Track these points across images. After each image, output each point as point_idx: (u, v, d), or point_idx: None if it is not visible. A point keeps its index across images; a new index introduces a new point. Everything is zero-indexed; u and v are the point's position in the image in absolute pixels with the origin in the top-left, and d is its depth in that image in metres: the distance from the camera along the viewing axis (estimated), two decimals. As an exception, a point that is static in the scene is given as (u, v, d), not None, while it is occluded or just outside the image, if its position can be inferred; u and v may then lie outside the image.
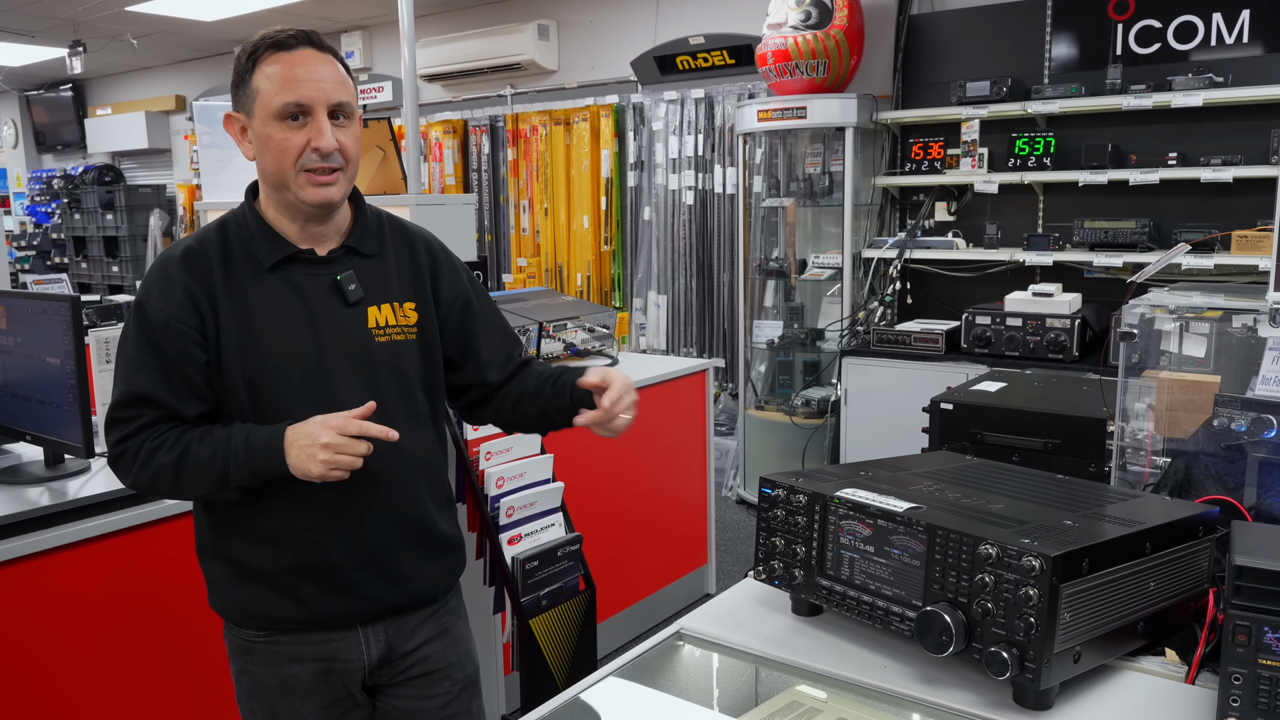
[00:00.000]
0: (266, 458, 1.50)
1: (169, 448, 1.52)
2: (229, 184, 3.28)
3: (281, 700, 1.63)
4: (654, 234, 6.00)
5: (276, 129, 1.51)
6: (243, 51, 1.56)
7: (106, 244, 9.10)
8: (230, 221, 1.62)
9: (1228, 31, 4.16)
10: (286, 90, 1.50)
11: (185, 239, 1.62)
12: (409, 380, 1.66)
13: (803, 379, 5.18)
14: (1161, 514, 1.35)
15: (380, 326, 1.63)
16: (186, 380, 1.54)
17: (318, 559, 1.59)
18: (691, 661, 1.48)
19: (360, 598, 1.62)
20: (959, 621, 1.19)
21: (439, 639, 1.73)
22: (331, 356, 1.58)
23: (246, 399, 1.55)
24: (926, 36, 4.92)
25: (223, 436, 1.53)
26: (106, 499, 2.12)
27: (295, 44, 1.53)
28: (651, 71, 5.95)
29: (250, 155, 1.57)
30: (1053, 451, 1.93)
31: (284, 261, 1.58)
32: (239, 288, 1.56)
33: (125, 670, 2.16)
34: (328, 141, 1.52)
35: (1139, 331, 1.75)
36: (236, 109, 1.57)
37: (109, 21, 7.34)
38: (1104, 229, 4.26)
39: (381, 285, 1.65)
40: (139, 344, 1.54)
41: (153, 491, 1.58)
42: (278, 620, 1.61)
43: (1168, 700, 1.23)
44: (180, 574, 2.23)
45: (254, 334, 1.55)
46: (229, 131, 1.60)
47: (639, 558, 3.70)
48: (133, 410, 1.54)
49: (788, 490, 1.43)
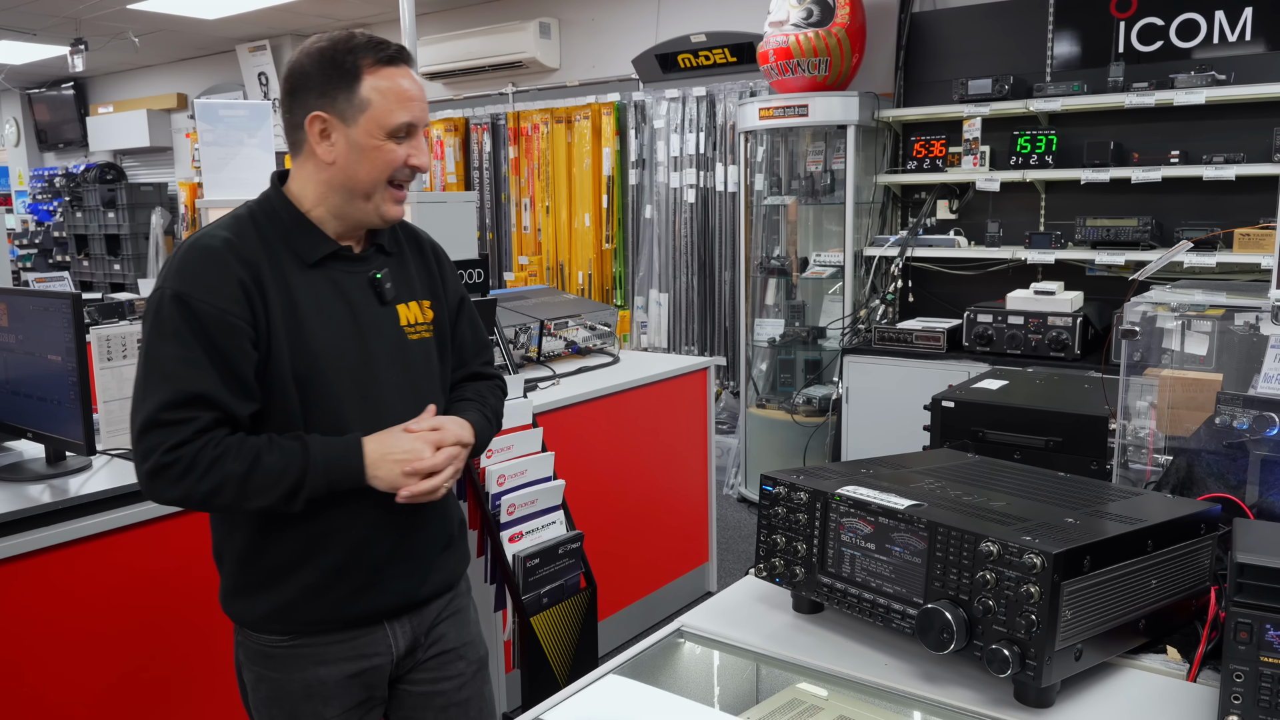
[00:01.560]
0: (343, 471, 1.49)
1: (235, 456, 1.44)
2: (230, 181, 3.28)
3: (303, 705, 1.61)
4: (655, 232, 6.00)
5: (384, 142, 1.51)
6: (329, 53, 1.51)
7: (108, 242, 9.10)
8: (260, 213, 1.57)
9: (1230, 29, 4.16)
10: (401, 109, 1.51)
11: (213, 228, 1.55)
12: (435, 377, 1.69)
13: (804, 377, 5.18)
14: (1163, 512, 1.34)
15: (411, 324, 1.65)
16: (239, 378, 1.47)
17: (359, 558, 1.58)
18: (692, 659, 1.48)
19: (391, 593, 1.62)
20: (960, 619, 1.19)
21: (452, 618, 1.75)
22: (374, 354, 1.58)
23: (295, 398, 1.52)
24: (928, 34, 4.91)
25: (294, 448, 1.48)
26: (108, 496, 2.12)
27: (399, 61, 1.54)
28: (653, 69, 5.95)
29: (330, 158, 1.52)
30: (1054, 449, 1.93)
31: (325, 258, 1.57)
32: (284, 282, 1.52)
33: (126, 668, 2.16)
34: (426, 161, 1.57)
35: (1141, 329, 1.75)
36: (324, 110, 1.51)
37: (110, 19, 7.34)
38: (1106, 227, 4.25)
39: (405, 284, 1.67)
40: (184, 340, 1.44)
41: (205, 504, 1.48)
42: (306, 623, 1.58)
43: (1169, 698, 1.22)
44: (182, 571, 2.23)
45: (304, 331, 1.52)
46: (309, 131, 1.52)
47: (640, 555, 3.70)
48: (186, 412, 1.43)
49: (789, 488, 1.43)
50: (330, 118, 1.51)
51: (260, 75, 8.36)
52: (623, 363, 3.85)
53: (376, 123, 1.50)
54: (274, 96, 8.29)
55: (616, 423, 3.47)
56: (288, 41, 8.17)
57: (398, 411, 1.59)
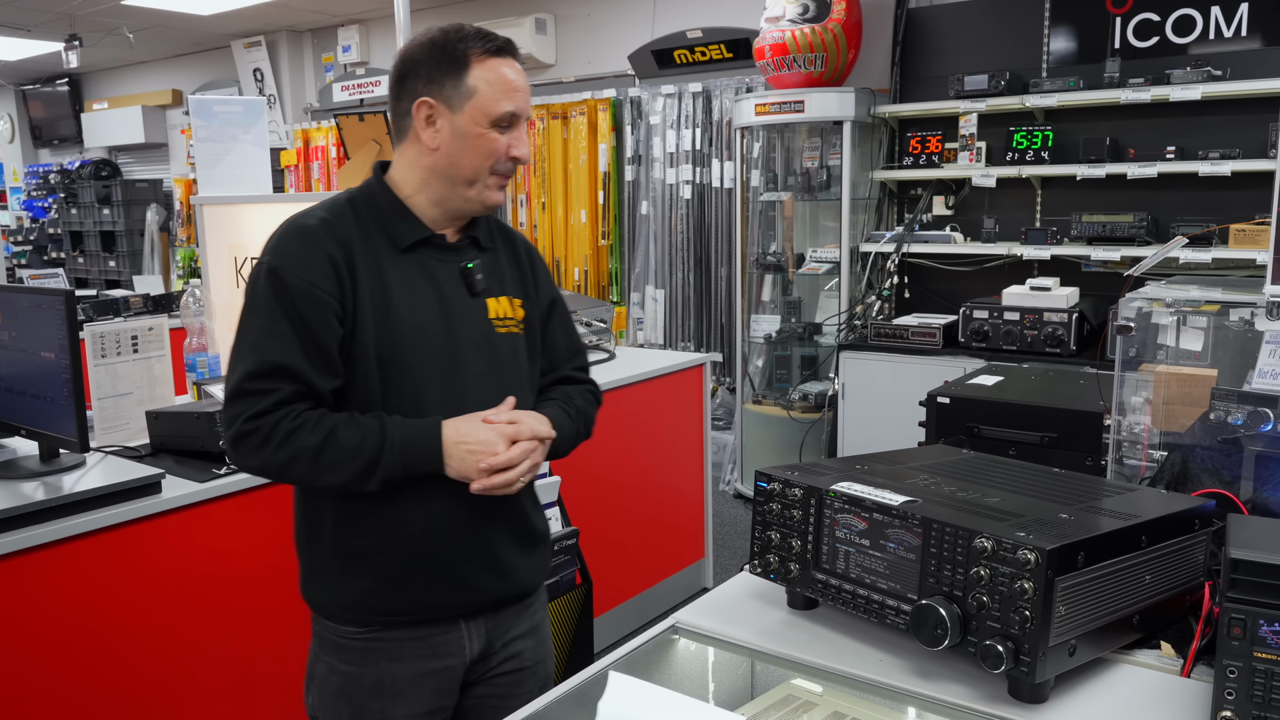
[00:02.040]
0: (421, 454, 1.50)
1: (311, 429, 1.47)
2: (225, 178, 3.27)
3: (372, 702, 1.61)
4: (651, 228, 5.99)
5: (487, 131, 1.54)
6: (440, 42, 1.54)
7: (103, 239, 9.09)
8: (359, 198, 1.61)
9: (1226, 25, 4.15)
10: (506, 99, 1.54)
11: (313, 209, 1.60)
12: (523, 373, 1.69)
13: (800, 373, 5.18)
14: (1157, 507, 1.34)
15: (500, 318, 1.65)
16: (324, 353, 1.50)
17: (434, 549, 1.58)
18: (687, 655, 1.48)
19: (467, 589, 1.62)
20: (954, 615, 1.19)
21: (530, 635, 1.75)
22: (460, 342, 1.59)
23: (377, 377, 1.54)
24: (924, 30, 4.91)
25: (372, 426, 1.50)
26: (102, 493, 2.11)
27: (507, 52, 1.57)
28: (649, 65, 5.94)
29: (434, 144, 1.56)
30: (1049, 445, 1.93)
31: (418, 244, 1.59)
32: (375, 264, 1.55)
33: (121, 666, 2.16)
34: (526, 153, 1.60)
35: (1136, 325, 1.75)
36: (431, 96, 1.54)
37: (105, 15, 7.32)
38: (1102, 223, 4.25)
39: (497, 279, 1.68)
40: (273, 312, 1.48)
41: (282, 475, 1.52)
42: (383, 613, 1.59)
43: (1163, 693, 1.22)
44: (176, 570, 2.23)
45: (391, 312, 1.54)
46: (415, 116, 1.55)
47: (636, 552, 3.70)
48: (268, 383, 1.47)
49: (783, 484, 1.43)
50: (437, 104, 1.55)
51: (255, 71, 8.34)
52: (619, 359, 3.85)
53: (481, 110, 1.54)
54: (268, 92, 8.28)
55: (612, 419, 3.47)
56: (283, 37, 8.16)
57: (479, 401, 1.59)
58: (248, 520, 2.35)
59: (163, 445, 2.50)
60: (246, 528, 2.35)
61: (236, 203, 3.26)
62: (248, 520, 2.35)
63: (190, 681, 2.28)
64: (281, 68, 8.25)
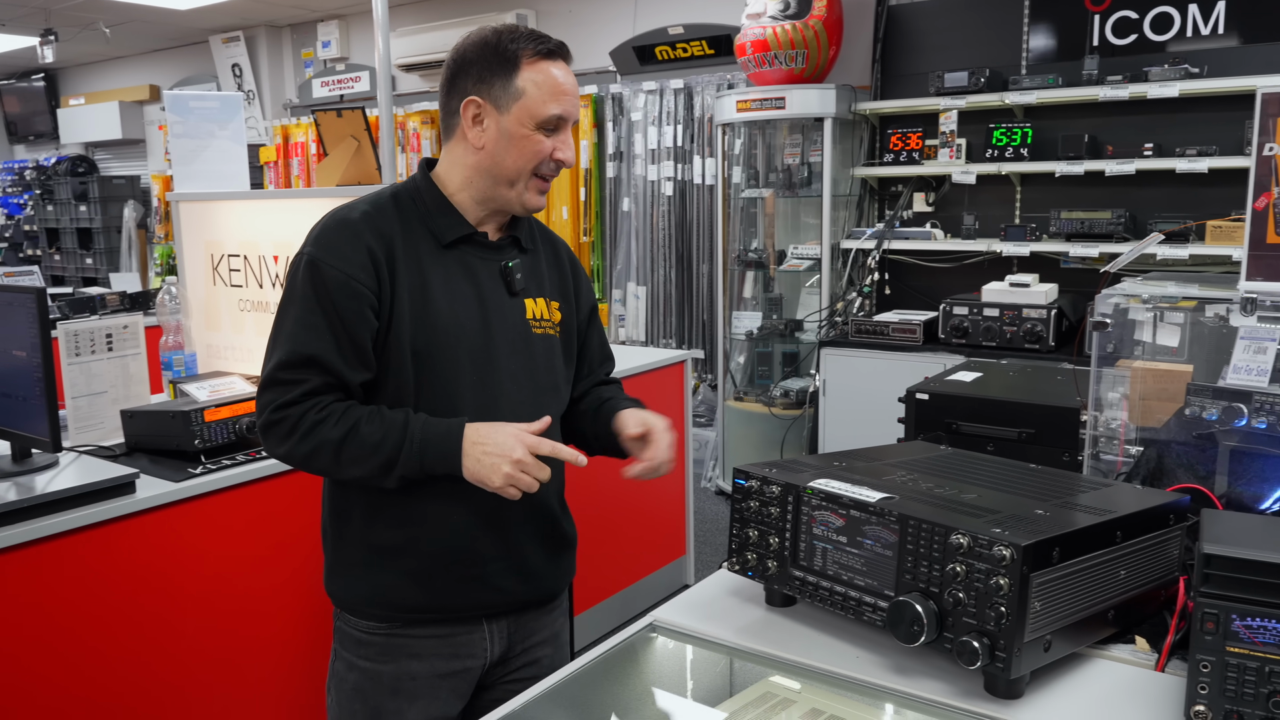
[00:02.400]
0: (440, 454, 1.48)
1: (335, 422, 1.48)
2: (201, 174, 3.24)
3: (389, 701, 1.61)
4: (633, 225, 5.99)
5: (533, 132, 1.54)
6: (493, 42, 1.55)
7: (80, 236, 9.00)
8: (403, 193, 1.62)
9: (1204, 22, 4.18)
10: (554, 102, 1.55)
11: (356, 202, 1.60)
12: (557, 375, 1.69)
13: (781, 370, 5.18)
14: (1132, 503, 1.35)
15: (536, 319, 1.65)
16: (356, 345, 1.50)
17: (460, 547, 1.58)
18: (665, 653, 1.48)
19: (492, 589, 1.62)
20: (931, 611, 1.19)
21: (550, 643, 1.75)
22: (496, 340, 1.59)
23: (411, 372, 1.53)
24: (905, 27, 4.92)
25: (396, 421, 1.49)
26: (75, 494, 2.09)
27: (558, 55, 1.57)
28: (630, 62, 5.93)
29: (480, 144, 1.56)
30: (1027, 441, 1.94)
31: (460, 240, 1.60)
32: (416, 258, 1.56)
33: (94, 670, 2.13)
34: (571, 156, 1.60)
35: (1113, 321, 1.76)
36: (479, 95, 1.55)
37: (81, 10, 7.24)
38: (1080, 219, 4.28)
39: (536, 280, 1.68)
40: (308, 303, 1.50)
41: (306, 466, 1.53)
42: (405, 609, 1.59)
43: (1138, 688, 1.23)
44: (151, 571, 2.21)
45: (429, 307, 1.54)
46: (463, 115, 1.56)
47: (617, 549, 3.70)
48: (298, 373, 1.49)
49: (761, 481, 1.43)
50: (485, 103, 1.55)
51: (234, 66, 8.27)
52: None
53: (528, 112, 1.54)
54: (247, 88, 8.22)
55: (593, 416, 3.46)
56: (262, 32, 8.09)
57: (513, 400, 1.60)
58: (224, 520, 2.33)
59: (138, 444, 2.48)
60: (223, 528, 2.33)
61: (213, 199, 3.23)
62: (224, 520, 2.33)
63: (167, 684, 2.26)
64: (260, 63, 8.19)
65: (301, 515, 2.48)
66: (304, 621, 2.50)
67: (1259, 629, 1.05)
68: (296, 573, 2.47)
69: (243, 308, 3.17)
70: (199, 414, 2.36)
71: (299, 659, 2.50)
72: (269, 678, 2.46)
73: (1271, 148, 1.56)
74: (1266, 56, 4.05)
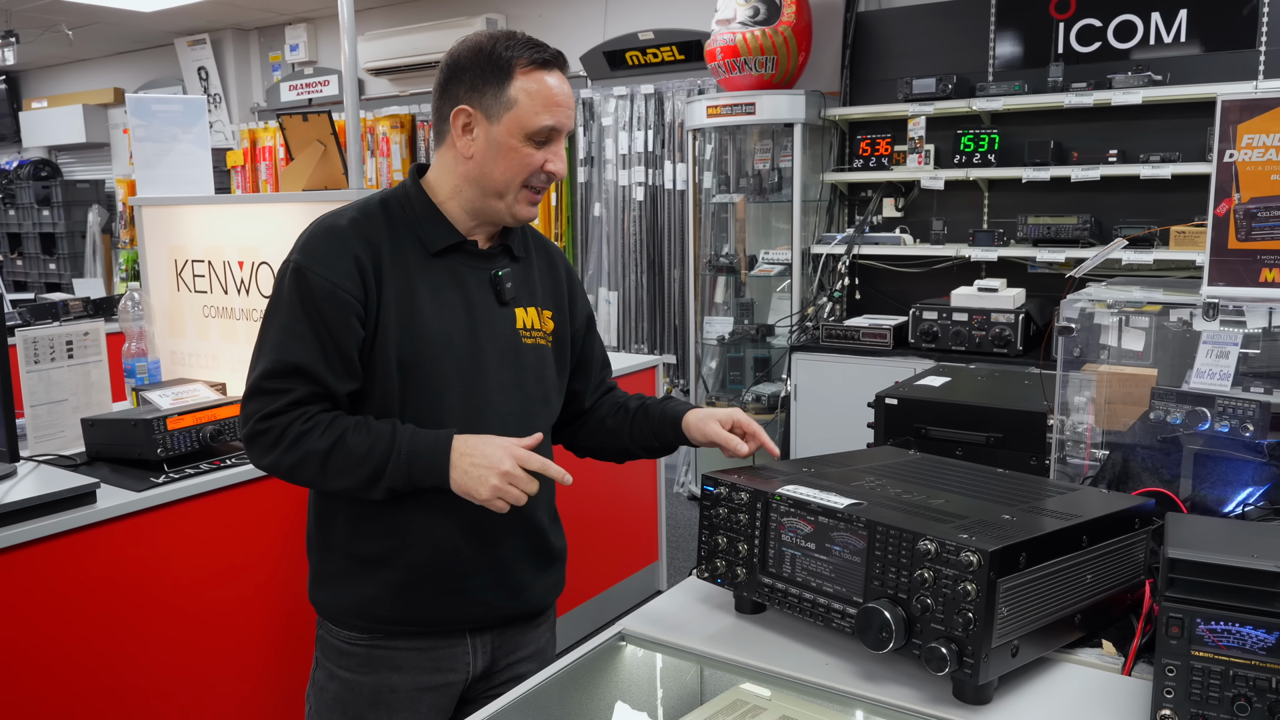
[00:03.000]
0: (428, 466, 1.46)
1: (321, 433, 1.45)
2: (165, 178, 3.19)
3: (368, 712, 1.59)
4: (604, 230, 5.98)
5: (522, 144, 1.52)
6: (488, 48, 1.51)
7: (43, 241, 8.86)
8: (393, 200, 1.59)
9: (1166, 31, 4.24)
10: (546, 113, 1.51)
11: (345, 209, 1.57)
12: (548, 386, 1.67)
13: (753, 375, 5.19)
14: (1098, 507, 1.36)
15: (527, 329, 1.63)
16: (342, 354, 1.48)
17: (445, 560, 1.56)
18: (634, 662, 1.46)
19: (476, 603, 1.60)
20: (899, 618, 1.18)
21: (535, 658, 1.72)
22: (484, 350, 1.57)
23: (397, 381, 1.51)
24: (873, 33, 4.95)
25: (383, 432, 1.47)
26: (33, 504, 2.04)
27: (554, 65, 1.54)
28: (601, 67, 5.92)
29: (469, 153, 1.54)
30: (995, 445, 1.95)
31: (449, 249, 1.57)
32: (403, 267, 1.53)
33: (53, 683, 2.09)
34: (563, 168, 1.56)
35: (1079, 326, 1.77)
36: (470, 104, 1.52)
37: (42, 11, 7.13)
38: (1047, 225, 4.32)
39: (528, 289, 1.66)
40: (294, 311, 1.48)
41: (291, 477, 1.51)
42: (387, 621, 1.57)
43: (1105, 692, 1.23)
44: (112, 582, 2.17)
45: (416, 316, 1.52)
46: (453, 123, 1.53)
47: (588, 556, 3.68)
48: (283, 382, 1.47)
49: (729, 488, 1.42)
50: (475, 113, 1.52)
51: (200, 70, 8.18)
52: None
53: (519, 123, 1.51)
54: (213, 91, 8.13)
55: (564, 422, 3.44)
56: (228, 35, 8.01)
57: (501, 410, 1.58)
58: (188, 530, 2.29)
59: (99, 454, 2.43)
60: (187, 538, 2.29)
61: (176, 204, 3.19)
62: (188, 530, 2.29)
63: (130, 699, 2.22)
64: (227, 66, 8.11)
65: (268, 525, 2.44)
66: (271, 632, 2.47)
67: (1223, 633, 1.06)
68: (264, 583, 2.44)
69: (207, 314, 3.12)
70: (161, 422, 2.32)
71: (267, 670, 2.46)
72: (236, 691, 2.42)
73: (1232, 154, 1.58)
74: (1227, 64, 4.11)
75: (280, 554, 2.47)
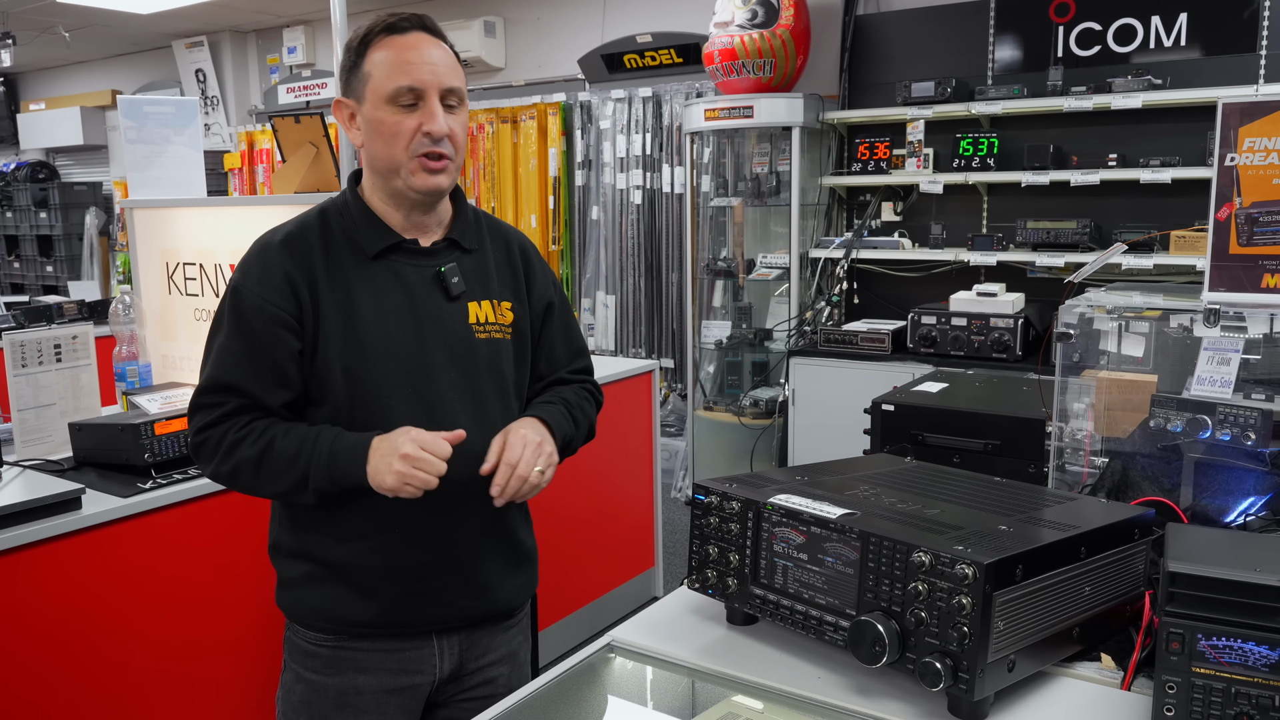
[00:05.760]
0: (347, 466, 1.46)
1: (252, 441, 1.48)
2: (156, 180, 3.17)
3: (334, 714, 1.58)
4: (602, 233, 5.95)
5: (388, 113, 1.49)
6: (354, 38, 1.53)
7: (40, 243, 8.84)
8: (331, 209, 1.59)
9: (1166, 34, 4.22)
10: (399, 74, 1.48)
11: (285, 224, 1.59)
12: (505, 380, 1.63)
13: (751, 379, 5.16)
14: (1097, 517, 1.33)
15: (481, 323, 1.60)
16: (275, 368, 1.50)
17: (403, 560, 1.54)
18: (624, 673, 1.44)
19: (441, 604, 1.58)
20: (892, 631, 1.16)
21: (507, 661, 1.70)
22: (432, 350, 1.55)
23: (343, 389, 1.51)
24: (872, 37, 4.93)
25: (309, 436, 1.48)
26: (18, 510, 2.01)
27: (408, 27, 1.51)
28: (599, 70, 5.90)
29: (358, 142, 1.55)
30: (993, 452, 1.92)
31: (387, 250, 1.56)
32: (341, 275, 1.53)
33: (39, 690, 2.06)
34: (440, 125, 1.49)
35: (1078, 331, 1.74)
36: (346, 95, 1.55)
37: (39, 13, 7.11)
38: (1046, 229, 4.29)
39: (482, 282, 1.62)
40: (230, 329, 1.51)
41: (231, 484, 1.53)
42: (351, 623, 1.56)
43: (1104, 707, 1.20)
44: (98, 589, 2.14)
45: (356, 323, 1.51)
46: (338, 118, 1.56)
47: (583, 562, 3.65)
48: (216, 397, 1.51)
49: (721, 496, 1.39)
50: (349, 101, 1.54)
51: (198, 72, 8.16)
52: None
53: (377, 94, 1.50)
54: (211, 94, 8.11)
55: (559, 427, 3.41)
56: (225, 37, 7.99)
57: (453, 409, 1.55)
58: (175, 536, 2.26)
59: (86, 458, 2.40)
60: (173, 544, 2.26)
61: (168, 206, 3.16)
62: (175, 536, 2.26)
63: (113, 705, 2.19)
64: (225, 69, 8.09)
65: (254, 531, 2.41)
66: (257, 639, 2.44)
67: (1225, 649, 1.03)
68: (250, 590, 2.41)
69: (198, 317, 3.10)
70: (149, 427, 2.29)
71: (251, 677, 2.43)
72: (220, 697, 2.39)
73: (1233, 158, 1.55)
74: (1227, 68, 4.09)
75: (266, 560, 2.43)
